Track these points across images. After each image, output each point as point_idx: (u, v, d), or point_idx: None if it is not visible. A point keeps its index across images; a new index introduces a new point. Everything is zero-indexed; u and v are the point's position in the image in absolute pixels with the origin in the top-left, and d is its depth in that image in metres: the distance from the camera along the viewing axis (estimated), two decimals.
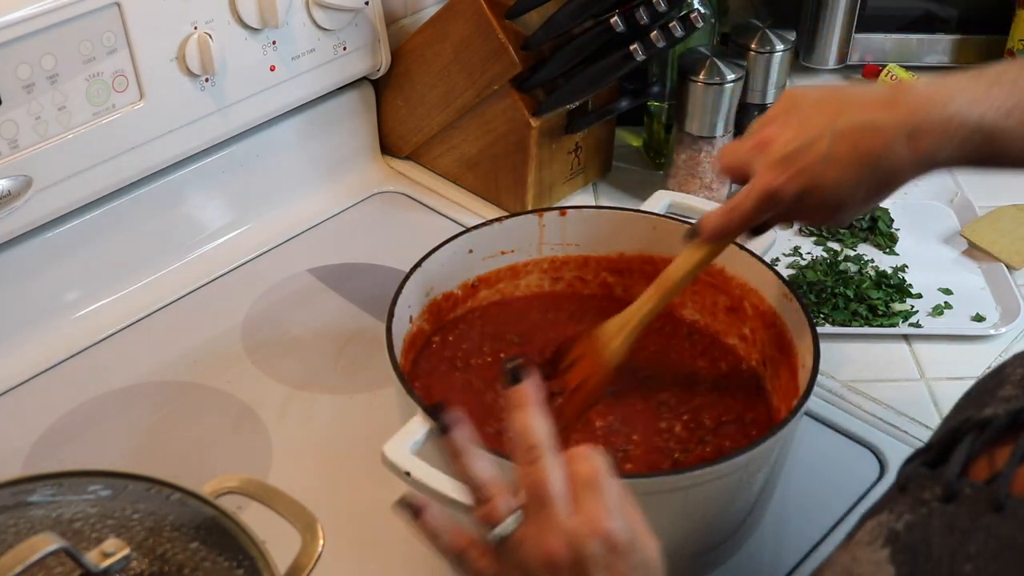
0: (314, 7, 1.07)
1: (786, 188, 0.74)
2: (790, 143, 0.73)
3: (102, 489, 0.64)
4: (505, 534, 0.56)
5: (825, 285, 1.07)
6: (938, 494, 0.55)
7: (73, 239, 1.01)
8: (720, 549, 0.81)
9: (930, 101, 0.70)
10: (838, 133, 0.72)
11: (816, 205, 0.74)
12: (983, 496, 0.53)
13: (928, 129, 0.70)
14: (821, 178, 0.72)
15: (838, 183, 0.72)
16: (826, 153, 0.72)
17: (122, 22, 0.94)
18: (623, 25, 1.04)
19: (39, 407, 0.94)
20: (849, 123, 0.72)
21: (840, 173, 0.72)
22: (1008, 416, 0.57)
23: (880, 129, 0.71)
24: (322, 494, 0.80)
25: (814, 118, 0.73)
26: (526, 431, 0.58)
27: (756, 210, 0.76)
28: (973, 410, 0.60)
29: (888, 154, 0.71)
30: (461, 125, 1.18)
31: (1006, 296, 1.09)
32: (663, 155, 1.26)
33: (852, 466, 0.91)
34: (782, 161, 0.73)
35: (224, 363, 0.99)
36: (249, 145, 1.12)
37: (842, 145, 0.71)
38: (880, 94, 0.73)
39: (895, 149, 0.70)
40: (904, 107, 0.71)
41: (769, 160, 0.74)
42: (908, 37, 1.41)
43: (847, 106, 0.73)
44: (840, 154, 0.72)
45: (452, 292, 0.92)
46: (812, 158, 0.72)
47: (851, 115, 0.72)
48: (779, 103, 0.77)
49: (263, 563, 0.61)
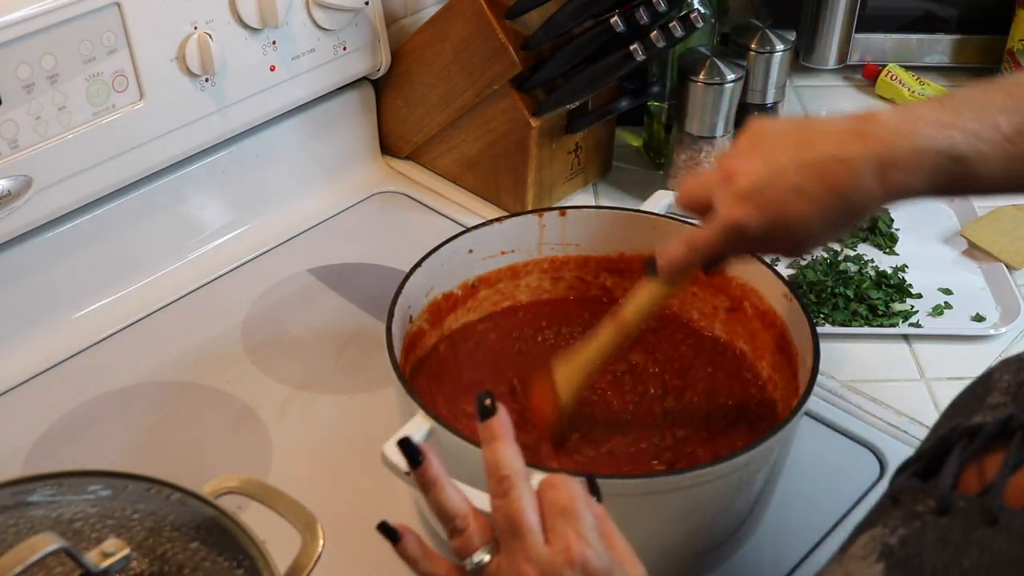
0: (314, 7, 1.08)
1: (752, 222, 0.71)
2: (757, 176, 0.71)
3: (102, 489, 0.64)
4: (480, 565, 0.57)
5: (825, 285, 1.07)
6: (931, 507, 0.54)
7: (73, 239, 1.01)
8: (720, 549, 0.81)
9: (898, 131, 0.68)
10: (806, 165, 0.69)
11: (782, 239, 0.72)
12: (976, 509, 0.53)
13: (898, 159, 0.67)
14: (788, 211, 0.70)
15: (805, 216, 0.70)
16: (793, 186, 0.69)
17: (122, 22, 0.94)
18: (623, 25, 1.04)
19: (39, 407, 0.94)
20: (817, 156, 0.69)
21: (807, 206, 0.69)
22: (997, 424, 0.56)
23: (848, 161, 0.68)
24: (322, 494, 0.80)
25: (781, 150, 0.71)
26: (498, 463, 0.59)
27: (720, 244, 0.73)
28: (962, 418, 0.59)
29: (857, 187, 0.68)
30: (461, 125, 1.18)
31: (1006, 296, 1.09)
32: (663, 155, 1.26)
33: (852, 466, 0.91)
34: (747, 193, 0.71)
35: (224, 363, 0.99)
36: (249, 145, 1.12)
37: (810, 178, 0.69)
38: (847, 126, 0.70)
39: (864, 182, 0.68)
40: (872, 138, 0.68)
41: (734, 193, 0.71)
42: (908, 37, 1.41)
43: (814, 138, 0.70)
44: (808, 187, 0.69)
45: (452, 292, 0.92)
46: (779, 191, 0.70)
47: (819, 147, 0.69)
48: (744, 135, 0.74)
49: (263, 563, 0.61)
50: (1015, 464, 0.54)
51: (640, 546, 0.76)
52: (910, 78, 1.38)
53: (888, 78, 1.39)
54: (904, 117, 0.69)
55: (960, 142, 0.67)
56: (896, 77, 1.38)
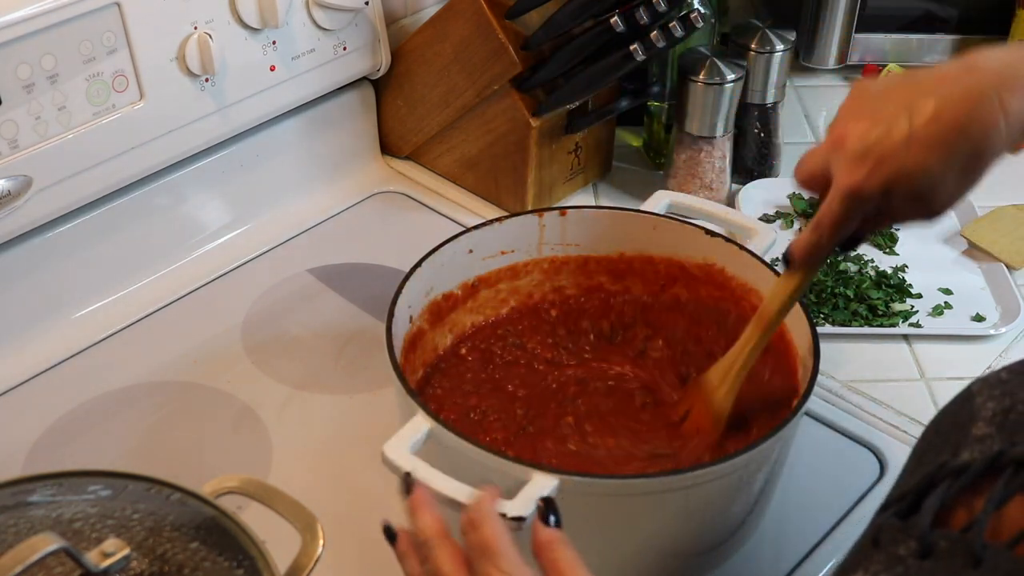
0: (314, 7, 1.07)
1: (870, 182, 0.67)
2: (866, 134, 0.67)
3: (102, 489, 0.64)
4: None
5: (825, 285, 1.07)
6: (913, 549, 0.52)
7: (73, 239, 1.01)
8: (720, 549, 0.81)
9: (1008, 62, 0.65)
10: (917, 111, 0.66)
11: (907, 196, 0.68)
12: (959, 549, 0.51)
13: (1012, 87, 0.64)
14: (907, 164, 0.66)
15: (926, 165, 0.66)
16: (907, 135, 0.66)
17: (122, 22, 0.94)
18: (623, 25, 1.04)
19: (39, 407, 0.94)
20: (927, 99, 0.66)
21: (926, 154, 0.66)
22: (985, 462, 0.54)
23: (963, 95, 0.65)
24: (322, 494, 0.80)
25: (888, 104, 0.68)
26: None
27: (843, 216, 0.70)
28: (948, 454, 0.57)
29: (973, 121, 0.65)
30: (461, 125, 1.18)
31: (1006, 296, 1.08)
32: (663, 155, 1.26)
33: (852, 466, 0.91)
34: (860, 155, 0.67)
35: (224, 363, 0.99)
36: (249, 145, 1.12)
37: (923, 122, 0.65)
38: (955, 66, 0.67)
39: (980, 114, 0.64)
40: (982, 72, 0.65)
41: (847, 156, 0.68)
42: (908, 37, 1.41)
43: (921, 85, 0.67)
44: (923, 133, 0.65)
45: (452, 292, 0.92)
46: (893, 144, 0.66)
47: (928, 91, 0.66)
48: (848, 98, 0.71)
49: (263, 563, 0.61)
50: (1000, 499, 0.52)
51: (640, 546, 0.76)
52: None
53: None
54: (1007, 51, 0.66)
55: None
56: None
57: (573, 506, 0.69)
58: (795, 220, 1.19)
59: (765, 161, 1.25)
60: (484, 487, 0.65)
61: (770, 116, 1.23)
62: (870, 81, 0.72)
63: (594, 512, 0.73)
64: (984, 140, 0.66)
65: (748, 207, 1.19)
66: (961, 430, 0.58)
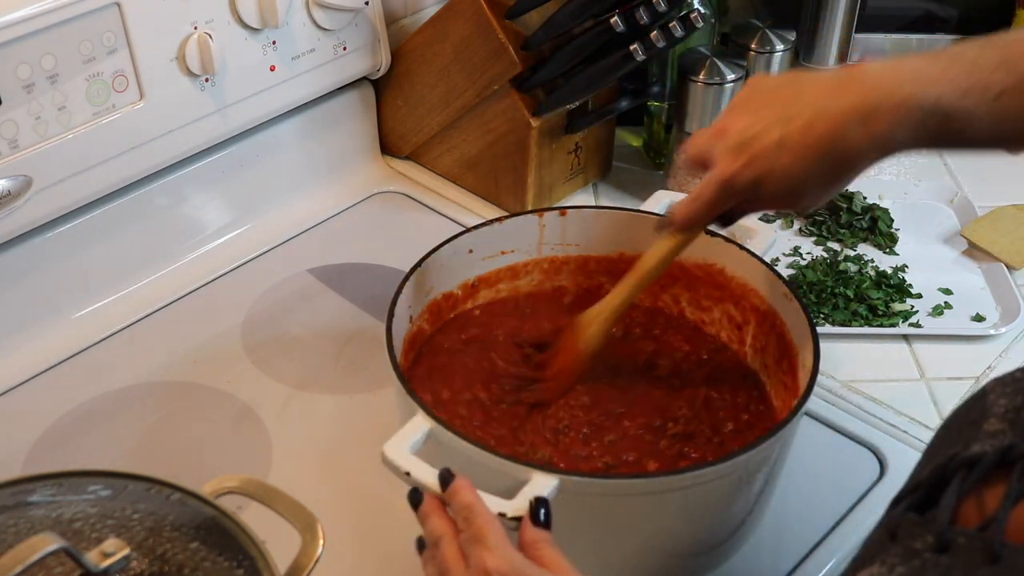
0: (314, 7, 1.08)
1: (740, 176, 0.74)
2: (745, 131, 0.73)
3: (102, 489, 0.64)
4: None
5: (825, 285, 1.07)
6: (930, 543, 0.53)
7: (73, 239, 1.01)
8: (720, 549, 0.81)
9: (883, 83, 0.69)
10: (790, 120, 0.71)
11: (773, 193, 0.74)
12: (977, 546, 0.51)
13: (882, 111, 0.69)
14: (774, 165, 0.72)
15: (790, 170, 0.72)
16: (777, 140, 0.72)
17: (122, 22, 0.94)
18: (623, 25, 1.04)
19: (39, 407, 0.94)
20: (802, 110, 0.71)
21: (792, 160, 0.71)
22: (996, 454, 0.55)
23: (833, 114, 0.70)
24: (322, 494, 0.80)
25: (769, 106, 0.73)
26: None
27: (716, 198, 0.76)
28: (959, 446, 0.57)
29: (841, 139, 0.70)
30: (461, 125, 1.18)
31: (1006, 296, 1.09)
32: (663, 155, 1.26)
33: (852, 466, 0.91)
34: (736, 149, 0.74)
35: (224, 363, 0.99)
36: (249, 145, 1.12)
37: (794, 132, 0.71)
38: (834, 79, 0.72)
39: (848, 134, 0.70)
40: (857, 91, 0.70)
41: (725, 148, 0.74)
42: (908, 37, 1.41)
43: (802, 93, 0.72)
44: (792, 141, 0.71)
45: (452, 292, 0.92)
46: (764, 146, 0.72)
47: (805, 101, 0.71)
48: (741, 91, 0.77)
49: (263, 563, 0.61)
50: (1016, 496, 0.53)
51: (640, 546, 0.76)
52: None
53: None
54: (891, 70, 0.70)
55: (946, 97, 0.68)
56: None
57: (573, 506, 0.69)
58: (795, 220, 1.19)
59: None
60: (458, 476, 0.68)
61: None
62: (764, 78, 0.78)
63: (594, 512, 0.73)
64: (848, 157, 0.71)
65: None
66: (973, 425, 0.58)
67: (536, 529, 0.66)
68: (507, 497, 0.67)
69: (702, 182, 0.77)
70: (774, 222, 1.18)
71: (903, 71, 0.69)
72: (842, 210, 1.18)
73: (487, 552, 0.62)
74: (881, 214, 1.17)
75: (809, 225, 1.17)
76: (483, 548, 0.63)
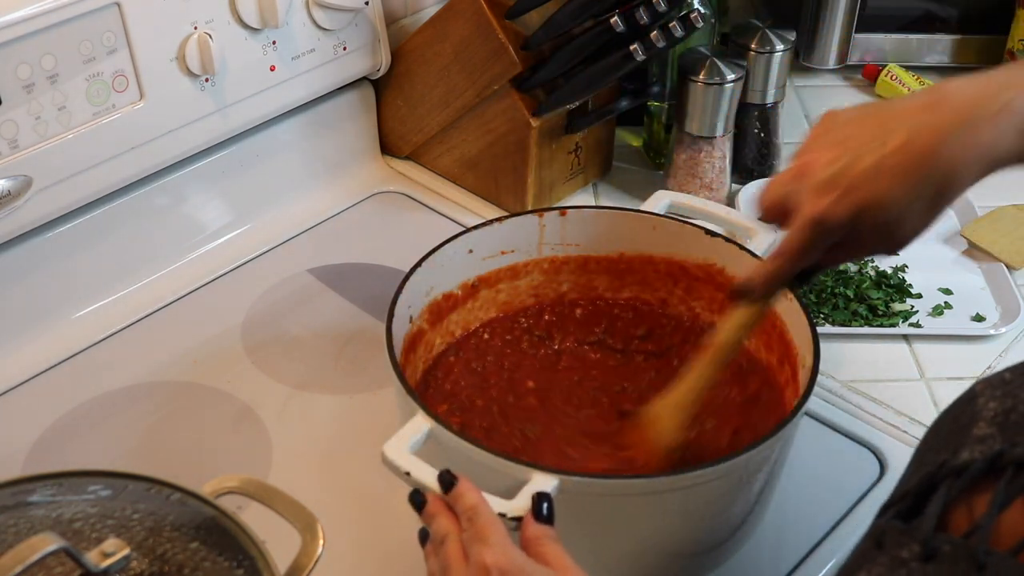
0: (314, 7, 1.07)
1: (835, 211, 0.67)
2: (834, 163, 0.68)
3: (102, 489, 0.64)
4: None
5: (825, 285, 1.07)
6: (916, 552, 0.52)
7: (73, 239, 1.01)
8: (720, 549, 0.81)
9: (980, 94, 0.66)
10: (885, 142, 0.66)
11: (872, 226, 0.68)
12: (963, 554, 0.51)
13: (984, 120, 0.65)
14: (873, 193, 0.66)
15: (892, 196, 0.66)
16: (875, 165, 0.66)
17: (122, 22, 0.94)
18: (623, 25, 1.04)
19: (39, 407, 0.94)
20: (896, 128, 0.66)
21: (892, 183, 0.66)
22: (986, 461, 0.54)
23: (932, 129, 0.65)
24: (322, 494, 0.80)
25: (857, 133, 0.68)
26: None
27: (807, 245, 0.70)
28: (947, 452, 0.56)
29: (943, 153, 0.65)
30: (461, 125, 1.18)
31: (1006, 296, 1.08)
32: (663, 155, 1.26)
33: (852, 466, 0.91)
34: (827, 183, 0.67)
35: (224, 363, 0.99)
36: (249, 145, 1.12)
37: (892, 153, 0.66)
38: (924, 98, 0.68)
39: (950, 146, 0.65)
40: (953, 104, 0.66)
41: (813, 185, 0.68)
42: (908, 37, 1.41)
43: (891, 115, 0.68)
44: (892, 162, 0.66)
45: (452, 292, 0.92)
46: (860, 173, 0.67)
47: (898, 122, 0.67)
48: (817, 125, 0.72)
49: (263, 563, 0.61)
50: (1002, 503, 0.52)
51: (640, 546, 0.76)
52: (910, 78, 1.38)
53: (888, 78, 1.39)
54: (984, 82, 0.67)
55: None
56: (896, 77, 1.38)
57: (573, 506, 0.69)
58: None
59: (765, 161, 1.25)
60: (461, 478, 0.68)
61: (770, 116, 1.23)
62: (839, 110, 0.72)
63: (594, 512, 0.73)
64: (952, 174, 0.66)
65: (748, 207, 1.19)
66: (962, 430, 0.57)
67: (539, 525, 0.66)
68: (507, 497, 0.67)
69: (787, 235, 0.71)
70: None
71: (995, 81, 0.67)
72: None
73: (486, 549, 0.62)
74: None
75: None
76: (483, 545, 0.63)
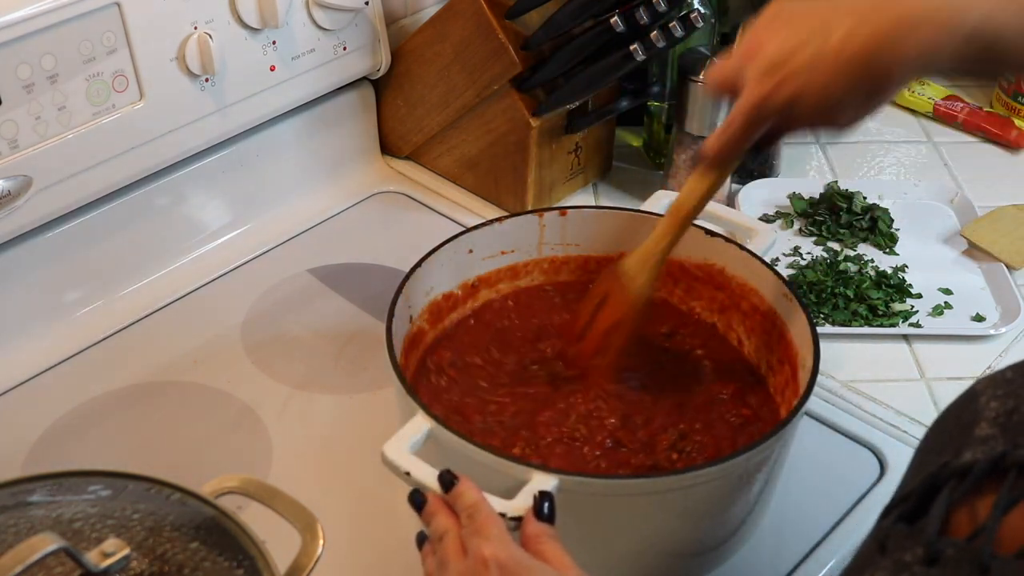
0: (314, 7, 1.08)
1: (773, 97, 0.71)
2: (777, 49, 0.70)
3: (102, 489, 0.64)
4: None
5: (825, 285, 1.07)
6: (919, 556, 0.52)
7: (73, 239, 1.01)
8: (720, 549, 0.81)
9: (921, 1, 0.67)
10: (827, 36, 0.68)
11: (809, 112, 0.71)
12: (966, 557, 0.50)
13: (927, 25, 0.66)
14: (809, 84, 0.69)
15: (827, 89, 0.69)
16: (814, 57, 0.69)
17: (122, 22, 0.94)
18: (623, 25, 1.04)
19: (39, 407, 0.94)
20: (842, 19, 0.68)
21: (827, 78, 0.69)
22: (989, 463, 0.54)
23: (873, 28, 0.67)
24: (322, 494, 0.80)
25: (802, 22, 0.70)
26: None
27: (750, 123, 0.73)
28: (950, 454, 0.56)
29: (886, 49, 0.67)
30: (461, 125, 1.18)
31: (1006, 296, 1.08)
32: (663, 155, 1.26)
33: (852, 466, 0.91)
34: (769, 68, 0.71)
35: (224, 363, 0.99)
36: (249, 145, 1.12)
37: (831, 47, 0.68)
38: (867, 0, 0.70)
39: (893, 44, 0.67)
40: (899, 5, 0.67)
41: (757, 67, 0.71)
42: None
43: (838, 9, 0.69)
44: (829, 57, 0.68)
45: (452, 292, 0.92)
46: (800, 63, 0.69)
47: (841, 16, 0.69)
48: (766, 11, 0.74)
49: (263, 563, 0.61)
50: (1007, 505, 0.52)
51: (640, 546, 0.76)
52: None
53: None
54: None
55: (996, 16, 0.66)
56: None
57: (572, 506, 0.69)
58: (795, 220, 1.19)
59: (765, 161, 1.25)
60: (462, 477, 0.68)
61: None
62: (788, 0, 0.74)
63: (593, 512, 0.73)
64: (887, 74, 0.69)
65: (748, 207, 1.19)
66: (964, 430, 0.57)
67: (539, 523, 0.66)
68: (507, 497, 0.67)
69: (733, 109, 0.74)
70: (774, 222, 1.18)
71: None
72: (842, 210, 1.18)
73: (485, 542, 0.63)
74: (881, 214, 1.17)
75: (809, 225, 1.17)
76: (482, 539, 0.63)
